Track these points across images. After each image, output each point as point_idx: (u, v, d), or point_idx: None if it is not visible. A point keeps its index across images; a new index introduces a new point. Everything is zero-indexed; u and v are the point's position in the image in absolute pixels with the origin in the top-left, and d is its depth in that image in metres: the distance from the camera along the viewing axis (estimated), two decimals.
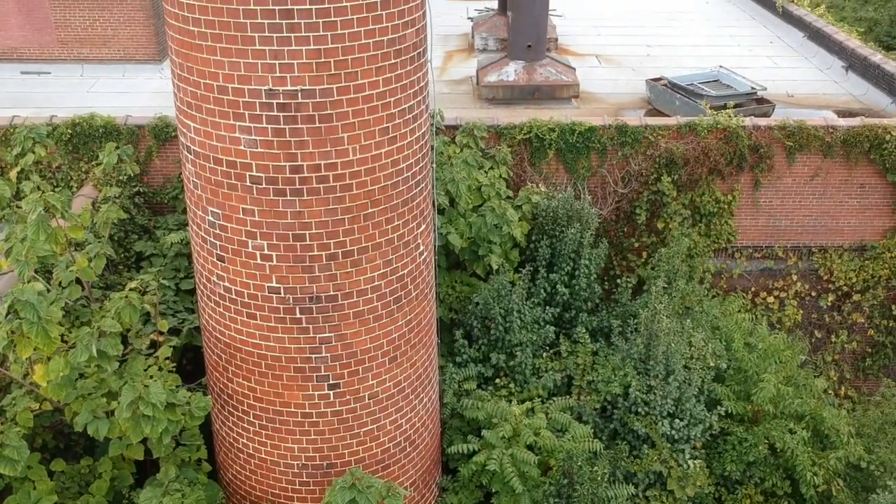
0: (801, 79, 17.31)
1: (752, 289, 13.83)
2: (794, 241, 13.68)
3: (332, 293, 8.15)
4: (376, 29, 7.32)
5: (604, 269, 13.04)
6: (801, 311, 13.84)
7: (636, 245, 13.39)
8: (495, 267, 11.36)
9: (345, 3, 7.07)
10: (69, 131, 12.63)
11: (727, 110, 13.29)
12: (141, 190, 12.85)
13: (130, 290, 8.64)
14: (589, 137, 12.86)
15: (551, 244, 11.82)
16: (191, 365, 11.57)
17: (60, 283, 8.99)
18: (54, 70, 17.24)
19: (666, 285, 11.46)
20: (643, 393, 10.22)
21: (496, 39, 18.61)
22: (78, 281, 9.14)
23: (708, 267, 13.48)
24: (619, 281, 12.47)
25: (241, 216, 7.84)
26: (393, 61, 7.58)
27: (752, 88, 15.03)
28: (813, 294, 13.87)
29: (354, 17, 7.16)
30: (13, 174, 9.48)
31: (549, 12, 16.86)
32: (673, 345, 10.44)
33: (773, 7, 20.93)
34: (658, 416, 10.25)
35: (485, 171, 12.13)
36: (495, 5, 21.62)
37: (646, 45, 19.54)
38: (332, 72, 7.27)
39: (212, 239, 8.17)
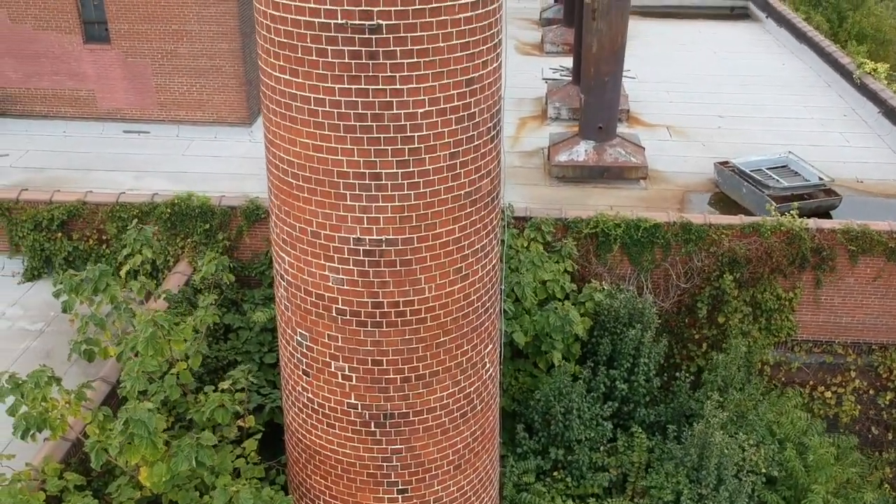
0: (872, 161, 17.41)
1: (811, 382, 14.10)
2: (855, 337, 13.91)
3: (404, 410, 8.92)
4: (454, 185, 8.05)
5: (664, 358, 13.48)
6: (859, 407, 14.04)
7: (696, 336, 13.81)
8: (557, 364, 11.96)
9: (427, 167, 7.82)
10: (168, 210, 13.72)
11: (792, 210, 13.60)
12: (231, 265, 13.85)
13: (223, 390, 9.62)
14: (654, 233, 13.35)
15: (612, 341, 12.37)
16: (268, 428, 12.53)
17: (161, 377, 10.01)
18: (153, 130, 18.56)
19: (721, 392, 11.87)
20: (694, 502, 10.70)
21: (569, 109, 19.16)
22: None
23: (767, 359, 13.81)
24: (677, 374, 12.93)
25: (326, 340, 8.67)
26: (468, 210, 8.30)
27: (820, 179, 15.28)
28: (871, 391, 14.06)
29: (435, 177, 7.90)
30: (123, 272, 10.54)
31: (623, 73, 17.24)
32: (727, 451, 10.89)
33: (850, 77, 20.93)
34: None
35: (550, 266, 12.74)
36: (570, 63, 22.17)
37: (717, 115, 19.83)
38: (414, 224, 8.03)
39: (298, 355, 9.03)
